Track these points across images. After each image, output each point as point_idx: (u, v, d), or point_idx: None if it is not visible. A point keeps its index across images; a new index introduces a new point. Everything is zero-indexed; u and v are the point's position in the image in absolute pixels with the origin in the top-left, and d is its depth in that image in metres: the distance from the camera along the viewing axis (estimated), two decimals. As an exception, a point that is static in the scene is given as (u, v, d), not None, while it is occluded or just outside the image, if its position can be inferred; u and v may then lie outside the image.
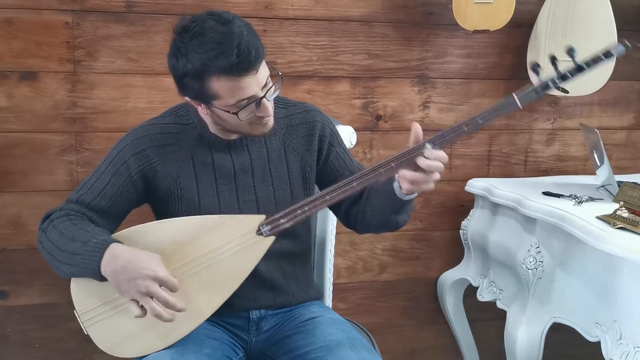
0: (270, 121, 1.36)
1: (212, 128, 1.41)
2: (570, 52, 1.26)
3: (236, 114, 1.29)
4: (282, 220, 1.31)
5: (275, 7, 1.99)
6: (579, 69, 1.25)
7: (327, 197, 1.29)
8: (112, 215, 1.39)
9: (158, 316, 1.22)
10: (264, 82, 1.29)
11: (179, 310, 1.23)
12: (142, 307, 1.24)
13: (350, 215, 1.50)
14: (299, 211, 1.30)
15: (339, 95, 2.09)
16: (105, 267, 1.24)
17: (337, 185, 1.29)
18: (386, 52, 2.10)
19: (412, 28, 2.10)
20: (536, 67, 1.28)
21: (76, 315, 1.35)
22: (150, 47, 1.92)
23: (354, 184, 1.28)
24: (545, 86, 1.26)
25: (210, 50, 1.22)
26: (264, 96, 1.29)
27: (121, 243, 1.27)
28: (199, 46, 1.23)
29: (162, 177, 1.39)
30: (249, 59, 1.23)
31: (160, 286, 1.21)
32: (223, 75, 1.24)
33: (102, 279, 1.26)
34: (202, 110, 1.36)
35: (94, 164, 1.43)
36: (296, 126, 1.48)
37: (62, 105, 1.89)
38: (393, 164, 1.26)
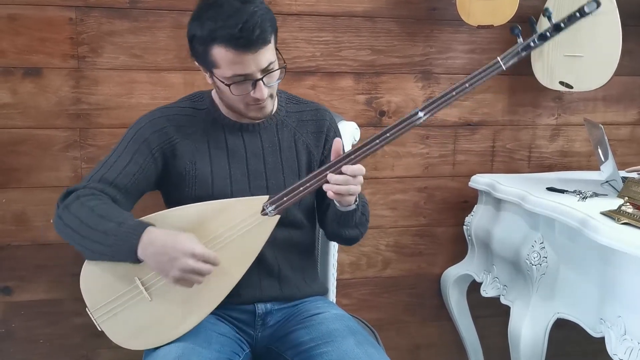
0: (268, 107, 1.40)
1: (224, 110, 1.45)
2: (546, 12, 1.31)
3: (229, 86, 1.33)
4: (285, 198, 1.33)
5: (278, 2, 1.98)
6: (556, 28, 1.30)
7: (328, 172, 1.30)
8: (132, 195, 1.42)
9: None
10: (265, 66, 1.32)
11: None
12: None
13: (322, 215, 1.54)
14: (301, 188, 1.32)
15: (343, 91, 2.09)
16: (144, 250, 1.26)
17: (337, 159, 1.30)
18: (390, 48, 2.09)
19: (415, 23, 2.10)
20: (515, 29, 1.32)
21: (88, 312, 1.35)
22: (154, 43, 1.92)
23: (352, 156, 1.30)
24: (526, 47, 1.31)
25: (219, 21, 1.28)
26: (261, 79, 1.32)
27: (154, 226, 1.29)
28: (213, 16, 1.29)
29: (179, 156, 1.42)
30: (251, 37, 1.27)
31: (199, 260, 1.26)
32: (223, 45, 1.28)
33: (136, 261, 1.28)
34: (208, 79, 1.40)
35: (98, 160, 1.43)
36: (307, 122, 1.53)
37: (66, 101, 1.90)
38: (388, 134, 1.30)
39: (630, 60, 2.16)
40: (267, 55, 1.32)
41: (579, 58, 2.00)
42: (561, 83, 2.06)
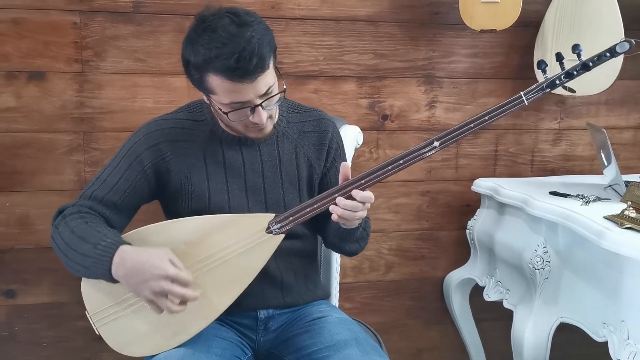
0: (268, 128, 1.38)
1: (223, 124, 1.42)
2: (576, 49, 1.27)
3: (226, 113, 1.30)
4: (291, 218, 1.32)
5: (281, 7, 1.99)
6: (584, 67, 1.26)
7: (336, 196, 1.29)
8: (125, 210, 1.40)
9: (174, 312, 1.24)
10: (264, 91, 1.28)
11: (193, 299, 1.25)
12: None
13: (323, 227, 1.52)
14: (308, 209, 1.31)
15: (346, 95, 2.09)
16: (117, 271, 1.25)
17: (346, 183, 1.29)
18: (392, 52, 2.10)
19: (418, 28, 2.10)
20: (542, 65, 1.28)
21: (87, 315, 1.35)
22: (158, 47, 1.93)
23: (363, 181, 1.29)
24: (551, 84, 1.28)
25: (214, 49, 1.23)
26: (260, 105, 1.29)
27: (130, 244, 1.28)
28: (207, 42, 1.24)
29: (174, 173, 1.40)
30: (248, 67, 1.23)
31: (172, 282, 1.22)
32: (219, 75, 1.25)
33: (115, 281, 1.27)
34: (205, 99, 1.38)
35: (101, 164, 1.44)
36: (309, 133, 1.50)
37: (69, 105, 1.90)
38: (401, 161, 1.29)
39: (633, 64, 2.16)
40: (266, 79, 1.28)
41: (582, 62, 2.00)
42: (564, 87, 2.05)
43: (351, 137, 1.78)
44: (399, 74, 2.12)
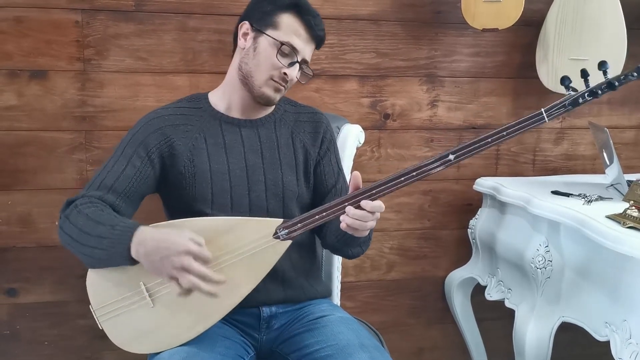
0: (280, 93, 1.45)
1: (222, 108, 1.47)
2: (603, 67, 1.23)
3: (277, 51, 1.41)
4: (299, 225, 1.32)
5: (283, 5, 1.98)
6: (609, 86, 1.23)
7: (346, 204, 1.29)
8: (132, 198, 1.42)
9: (199, 288, 1.21)
10: (308, 58, 1.46)
11: (217, 282, 1.23)
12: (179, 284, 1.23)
13: (321, 229, 1.52)
14: (317, 216, 1.32)
15: (347, 94, 2.09)
16: (137, 250, 1.25)
17: (356, 192, 1.28)
18: (394, 51, 2.10)
19: (420, 27, 2.10)
20: (566, 81, 1.26)
21: (91, 310, 1.35)
22: (160, 46, 1.93)
23: (374, 191, 1.28)
24: (574, 102, 1.25)
25: (304, 1, 1.45)
26: (300, 63, 1.44)
27: (147, 226, 1.28)
28: None
29: (177, 155, 1.43)
30: (320, 26, 1.46)
31: (194, 259, 1.21)
32: (299, 16, 1.42)
33: (132, 262, 1.26)
34: (242, 44, 1.45)
35: (103, 162, 1.44)
36: (304, 122, 1.56)
37: (71, 103, 1.90)
38: (414, 173, 1.29)
39: (635, 64, 2.12)
40: (312, 53, 1.48)
41: (584, 61, 2.00)
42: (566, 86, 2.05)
43: (353, 136, 1.78)
44: (400, 73, 2.12)
